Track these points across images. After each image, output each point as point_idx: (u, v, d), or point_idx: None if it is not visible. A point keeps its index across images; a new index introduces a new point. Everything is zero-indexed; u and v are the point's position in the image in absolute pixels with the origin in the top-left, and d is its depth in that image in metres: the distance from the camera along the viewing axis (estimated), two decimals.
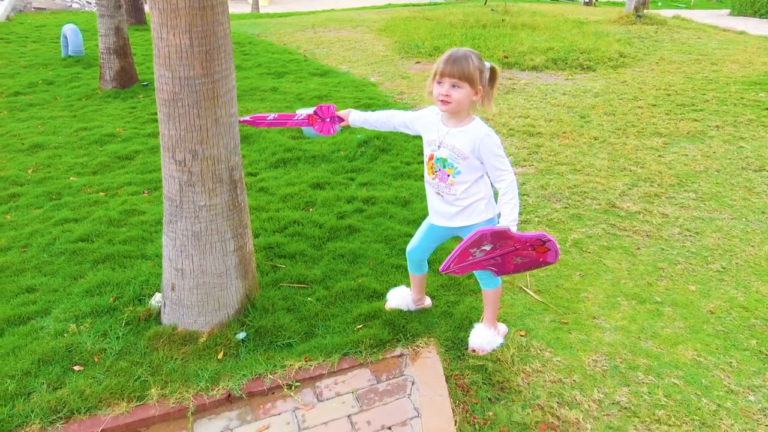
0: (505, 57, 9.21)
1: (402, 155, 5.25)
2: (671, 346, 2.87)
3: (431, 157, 2.67)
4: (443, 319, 3.09)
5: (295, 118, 3.07)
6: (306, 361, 2.78)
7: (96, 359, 2.80)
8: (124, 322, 3.04)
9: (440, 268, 2.55)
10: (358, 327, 3.02)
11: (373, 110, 6.66)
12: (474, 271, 2.85)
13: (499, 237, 2.43)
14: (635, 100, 7.02)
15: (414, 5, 22.27)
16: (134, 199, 4.59)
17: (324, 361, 2.79)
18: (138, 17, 12.84)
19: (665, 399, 2.54)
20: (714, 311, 3.12)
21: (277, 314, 3.07)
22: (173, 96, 2.63)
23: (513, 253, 2.53)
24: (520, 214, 2.99)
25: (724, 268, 3.50)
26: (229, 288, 3.00)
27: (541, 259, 2.55)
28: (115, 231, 4.04)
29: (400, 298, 3.14)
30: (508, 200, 2.49)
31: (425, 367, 2.81)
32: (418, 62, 9.49)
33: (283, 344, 2.91)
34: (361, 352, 2.85)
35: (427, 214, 2.85)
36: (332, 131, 3.05)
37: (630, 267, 3.53)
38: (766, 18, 18.16)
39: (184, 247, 2.88)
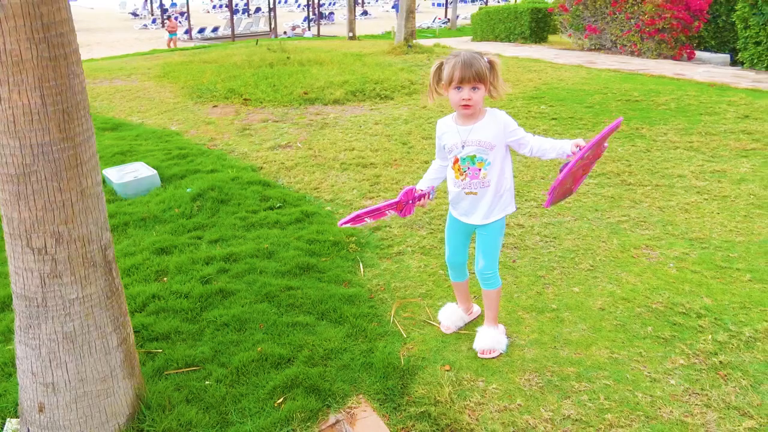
0: (305, 93, 9.20)
1: (245, 204, 4.89)
2: (585, 348, 2.99)
3: (456, 161, 2.76)
4: (364, 372, 2.87)
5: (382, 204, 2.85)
6: None
7: None
8: None
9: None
10: (279, 402, 2.66)
11: (190, 160, 6.21)
12: (477, 273, 2.95)
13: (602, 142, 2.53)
14: None
15: (181, 50, 21.47)
16: None
17: None
18: None
19: (607, 402, 2.61)
20: (603, 308, 3.33)
21: (178, 410, 2.59)
22: (24, 169, 2.09)
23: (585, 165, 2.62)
24: None
25: (592, 266, 3.78)
26: (116, 392, 2.45)
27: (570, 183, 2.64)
28: None
29: (454, 316, 3.19)
30: (549, 140, 2.70)
31: (368, 429, 2.56)
32: (215, 106, 9.06)
33: None
34: (294, 430, 2.51)
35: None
36: (412, 212, 2.89)
37: (515, 280, 3.64)
38: (505, 42, 20.70)
39: (54, 354, 2.30)
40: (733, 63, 13.06)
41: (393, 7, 48.91)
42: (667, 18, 13.13)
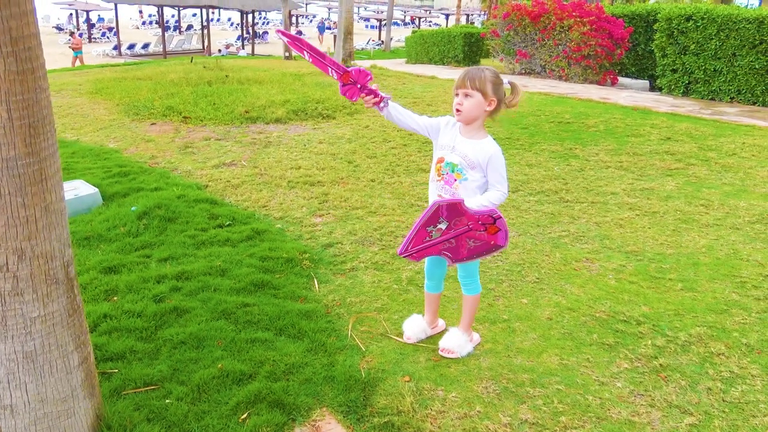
0: (246, 112, 9.17)
1: (193, 222, 4.84)
2: (537, 356, 3.13)
3: (441, 160, 2.90)
4: (327, 385, 2.91)
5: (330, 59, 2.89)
6: None
7: None
8: None
9: (398, 250, 2.84)
10: (243, 417, 2.67)
11: (132, 178, 6.09)
12: (459, 278, 3.12)
13: (454, 211, 2.68)
14: (386, 142, 7.58)
15: (111, 65, 20.90)
16: None
17: None
18: None
19: (560, 405, 2.75)
20: (551, 318, 3.50)
21: (139, 429, 2.55)
22: None
23: (467, 235, 2.75)
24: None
25: (538, 278, 3.96)
26: (77, 413, 2.40)
27: (492, 242, 2.78)
28: None
29: (417, 327, 3.28)
30: (486, 197, 2.78)
31: None
32: (153, 123, 8.89)
33: None
34: None
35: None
36: (355, 98, 2.91)
37: None
38: (440, 65, 21.23)
39: (13, 374, 2.23)
40: (652, 88, 13.90)
41: (317, 28, 49.45)
42: (592, 45, 13.84)
